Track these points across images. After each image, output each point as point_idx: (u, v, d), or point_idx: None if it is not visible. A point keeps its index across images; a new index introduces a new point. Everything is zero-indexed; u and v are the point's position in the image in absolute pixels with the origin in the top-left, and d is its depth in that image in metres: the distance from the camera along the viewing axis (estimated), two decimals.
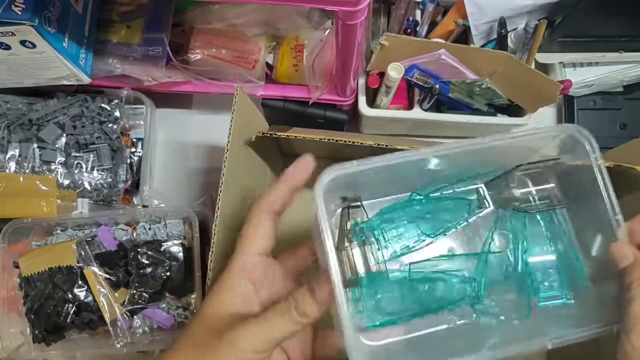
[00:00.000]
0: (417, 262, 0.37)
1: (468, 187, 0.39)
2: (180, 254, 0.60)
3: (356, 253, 0.35)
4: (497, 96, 0.59)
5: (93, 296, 0.57)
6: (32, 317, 0.58)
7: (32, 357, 0.58)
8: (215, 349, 0.31)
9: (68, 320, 0.57)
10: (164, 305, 0.59)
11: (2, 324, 0.58)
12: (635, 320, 0.30)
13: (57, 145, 0.62)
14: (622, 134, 0.67)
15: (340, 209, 0.37)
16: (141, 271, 0.58)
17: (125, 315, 0.58)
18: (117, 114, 0.64)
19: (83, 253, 0.58)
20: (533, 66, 0.59)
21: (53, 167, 0.62)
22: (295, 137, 0.48)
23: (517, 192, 0.38)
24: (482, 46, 0.62)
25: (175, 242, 0.60)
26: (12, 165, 0.62)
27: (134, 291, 0.58)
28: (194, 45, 0.62)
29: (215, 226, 0.42)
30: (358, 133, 0.69)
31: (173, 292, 0.59)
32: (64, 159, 0.63)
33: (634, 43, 0.62)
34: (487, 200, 0.38)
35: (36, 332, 0.58)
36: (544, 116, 0.71)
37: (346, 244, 0.35)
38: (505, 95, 0.59)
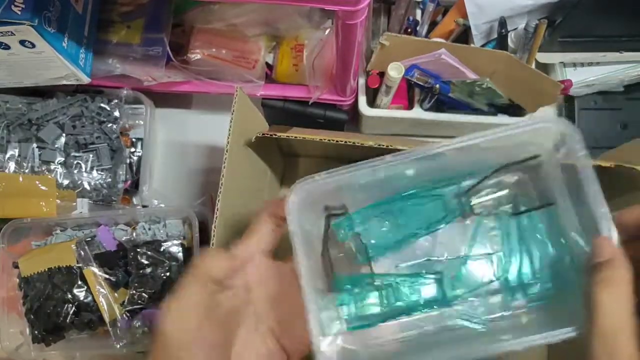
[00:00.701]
0: (395, 267, 0.38)
1: (451, 190, 0.38)
2: (180, 254, 0.59)
3: (339, 257, 0.36)
4: (498, 96, 0.59)
5: (93, 296, 0.57)
6: (32, 317, 0.58)
7: (32, 357, 0.58)
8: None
9: (67, 320, 0.57)
10: None
11: (1, 324, 0.58)
12: (600, 332, 0.27)
13: (56, 145, 0.62)
14: (623, 134, 0.67)
15: (324, 217, 0.38)
16: (141, 271, 0.58)
17: (125, 315, 0.58)
18: (116, 113, 0.64)
19: (83, 253, 0.58)
20: (533, 66, 0.59)
21: (52, 167, 0.62)
22: (295, 137, 0.47)
23: (500, 193, 0.38)
24: (483, 46, 0.62)
25: (175, 242, 0.60)
26: (12, 165, 0.61)
27: (134, 291, 0.58)
28: (194, 45, 0.62)
29: (215, 227, 0.42)
30: (358, 133, 0.69)
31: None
32: (63, 159, 0.62)
33: (635, 43, 0.62)
34: (468, 203, 0.38)
35: (36, 332, 0.58)
36: (545, 116, 0.70)
37: (330, 248, 0.37)
38: (506, 95, 0.59)
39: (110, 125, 0.64)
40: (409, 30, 0.60)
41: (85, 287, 0.58)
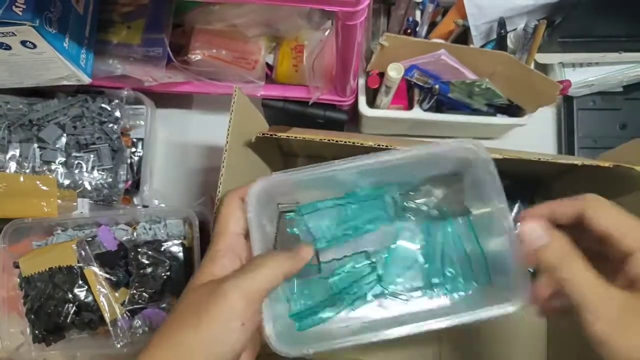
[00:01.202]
0: (337, 259, 0.43)
1: (390, 194, 0.44)
2: (181, 254, 0.60)
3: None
4: (497, 96, 0.59)
5: (93, 296, 0.58)
6: (33, 317, 0.58)
7: (32, 357, 0.58)
8: (208, 305, 0.32)
9: (68, 320, 0.57)
10: (164, 305, 0.59)
11: (2, 324, 0.58)
12: (594, 308, 0.29)
13: (57, 146, 0.62)
14: (622, 134, 0.68)
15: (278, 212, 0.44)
16: (141, 271, 0.58)
17: (125, 315, 0.58)
18: (117, 114, 0.64)
19: (83, 253, 0.58)
20: (532, 66, 0.59)
21: (53, 167, 0.62)
22: (295, 137, 0.48)
23: (430, 199, 0.44)
24: (482, 46, 0.62)
25: (176, 242, 0.60)
26: (13, 166, 0.62)
27: (134, 291, 0.58)
28: (195, 46, 0.62)
29: (214, 226, 0.42)
30: (358, 133, 0.69)
31: (173, 292, 0.59)
32: (64, 159, 0.63)
33: (634, 43, 0.62)
34: (403, 206, 0.44)
35: (36, 332, 0.58)
36: (544, 116, 0.71)
37: (282, 241, 0.42)
38: (505, 95, 0.60)
39: (111, 125, 0.64)
40: (409, 30, 0.60)
41: (86, 286, 0.58)
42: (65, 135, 0.63)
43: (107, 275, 0.58)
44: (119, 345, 0.57)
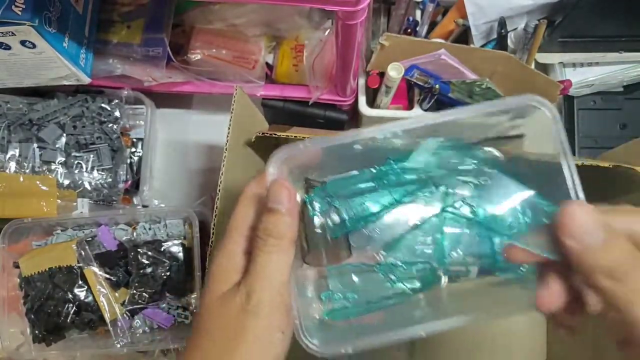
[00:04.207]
0: (384, 249, 0.35)
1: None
2: (181, 254, 0.60)
3: (315, 232, 0.34)
4: (497, 96, 0.59)
5: (93, 296, 0.58)
6: (32, 317, 0.58)
7: (32, 357, 0.58)
8: (241, 330, 0.28)
9: (68, 320, 0.57)
10: (164, 305, 0.59)
11: (2, 324, 0.58)
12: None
13: (57, 145, 0.62)
14: (622, 134, 0.67)
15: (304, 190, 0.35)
16: (141, 271, 0.58)
17: (125, 315, 0.58)
18: (117, 114, 0.64)
19: (83, 253, 0.58)
20: (533, 66, 0.59)
21: (53, 167, 0.62)
22: (295, 137, 0.48)
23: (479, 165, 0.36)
24: (482, 46, 0.62)
25: (176, 242, 0.60)
26: (12, 165, 0.62)
27: (134, 291, 0.58)
28: (194, 46, 0.62)
29: (214, 226, 0.42)
30: None
31: (173, 292, 0.59)
32: (64, 159, 0.63)
33: (634, 43, 0.62)
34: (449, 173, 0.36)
35: (36, 332, 0.58)
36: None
37: (306, 223, 0.34)
38: (505, 95, 0.60)
39: (110, 125, 0.64)
40: (409, 30, 0.60)
41: (86, 286, 0.58)
42: (65, 135, 0.63)
43: (107, 275, 0.58)
44: (119, 345, 0.57)
